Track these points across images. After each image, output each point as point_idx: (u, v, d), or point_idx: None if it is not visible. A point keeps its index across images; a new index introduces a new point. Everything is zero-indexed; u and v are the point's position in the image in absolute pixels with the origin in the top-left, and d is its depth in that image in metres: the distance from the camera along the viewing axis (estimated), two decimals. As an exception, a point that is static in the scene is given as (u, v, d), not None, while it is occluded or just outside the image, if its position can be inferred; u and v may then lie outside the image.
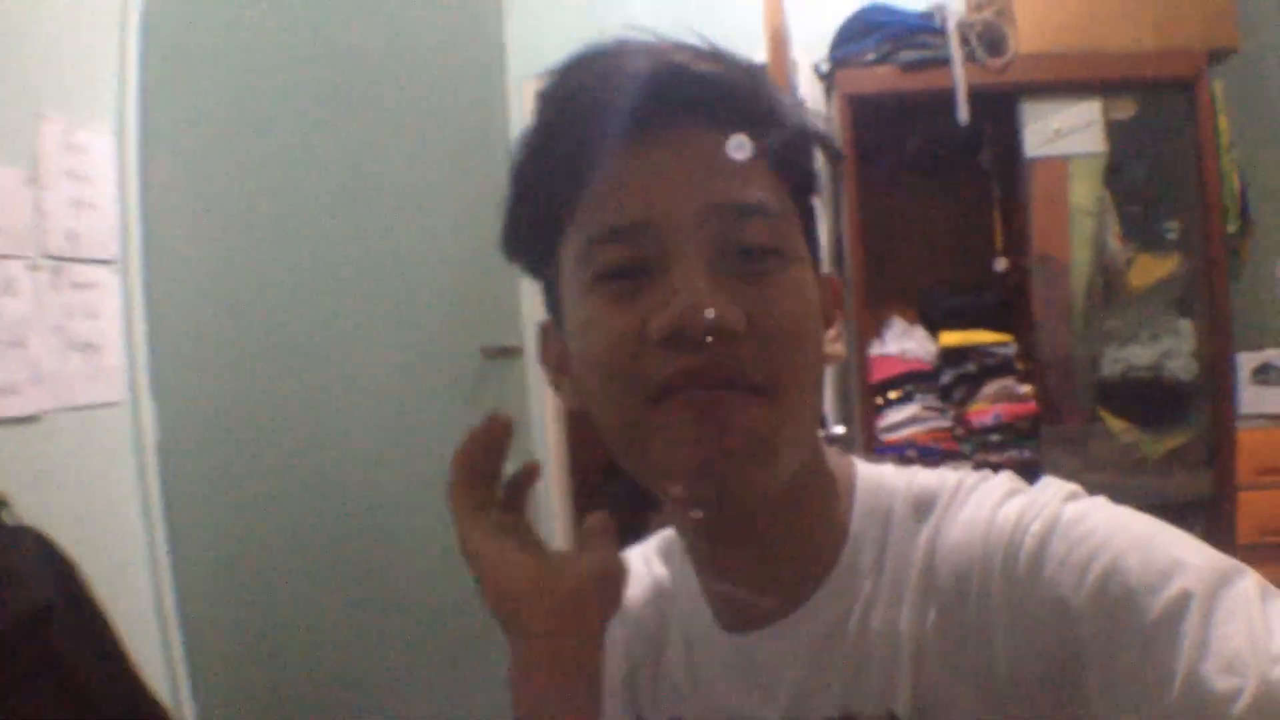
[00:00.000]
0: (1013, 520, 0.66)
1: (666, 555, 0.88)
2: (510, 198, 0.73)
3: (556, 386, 0.78)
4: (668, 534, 0.87)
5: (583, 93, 0.69)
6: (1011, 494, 0.70)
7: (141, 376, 2.45)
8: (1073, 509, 0.66)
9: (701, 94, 0.68)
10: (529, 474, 0.76)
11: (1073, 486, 0.69)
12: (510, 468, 2.38)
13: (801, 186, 0.74)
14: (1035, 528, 0.65)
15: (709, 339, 0.63)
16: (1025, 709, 0.64)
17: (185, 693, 2.46)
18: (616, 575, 0.71)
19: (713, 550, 0.77)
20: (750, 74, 0.71)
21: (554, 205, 0.70)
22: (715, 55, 0.70)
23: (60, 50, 2.25)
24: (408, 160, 2.46)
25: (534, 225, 0.73)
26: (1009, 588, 0.65)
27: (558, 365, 0.77)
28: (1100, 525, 0.63)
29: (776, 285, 0.67)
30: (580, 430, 3.56)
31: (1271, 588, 0.59)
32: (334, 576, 2.51)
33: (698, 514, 0.74)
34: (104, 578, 1.94)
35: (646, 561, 0.90)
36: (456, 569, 2.26)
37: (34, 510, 1.91)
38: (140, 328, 2.44)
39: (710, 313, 0.63)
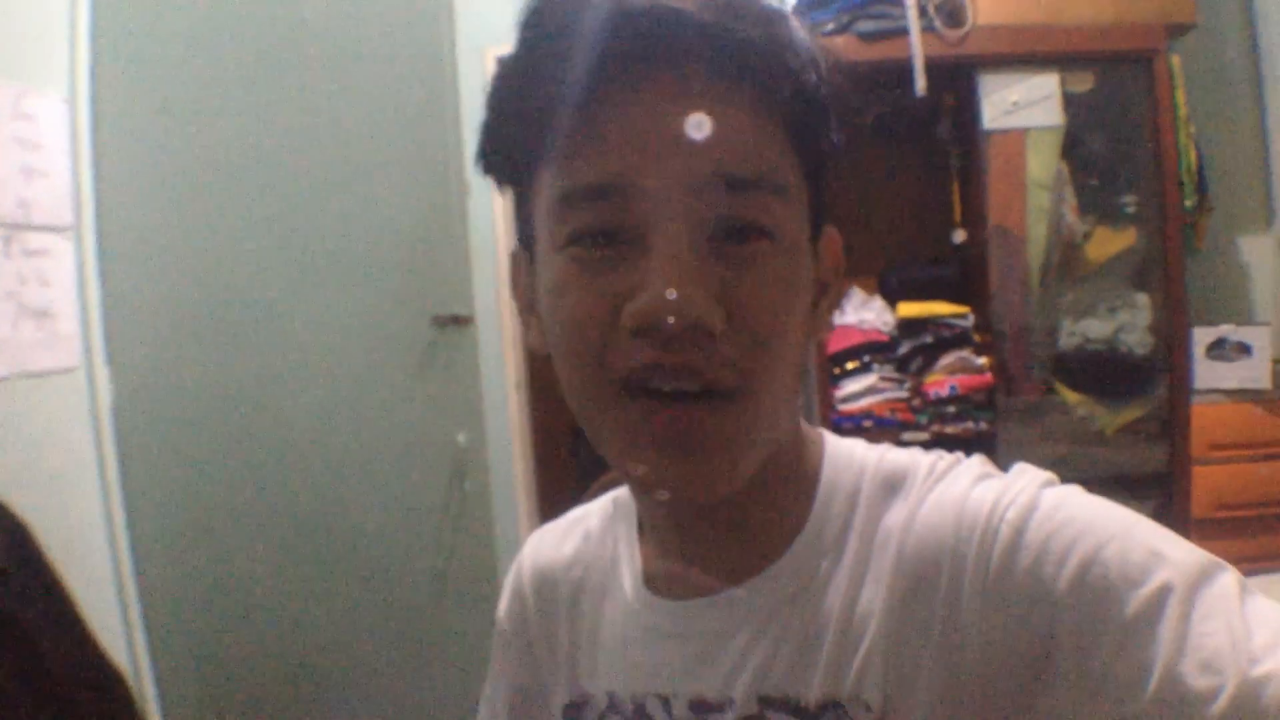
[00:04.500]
0: (988, 505, 0.64)
1: (613, 518, 0.85)
2: (487, 118, 0.68)
3: (525, 324, 0.74)
4: (620, 494, 0.85)
5: (574, 18, 0.61)
6: (985, 478, 0.68)
7: (96, 343, 2.47)
8: (1050, 496, 0.64)
9: (710, 39, 0.60)
10: None
11: (1048, 474, 0.67)
12: (463, 440, 2.39)
13: (816, 156, 0.67)
14: (1011, 514, 0.62)
15: (686, 337, 0.59)
16: (990, 699, 0.61)
17: (142, 656, 2.50)
18: None
19: (668, 522, 0.75)
20: (770, 22, 0.63)
21: (531, 139, 0.65)
22: (745, 5, 0.62)
23: (8, 16, 2.25)
24: (359, 129, 2.47)
25: (509, 152, 0.68)
26: (983, 574, 0.62)
27: (527, 302, 0.73)
28: (1079, 514, 0.61)
29: (764, 276, 0.62)
30: (544, 398, 3.58)
31: (1250, 586, 0.57)
32: (288, 539, 2.55)
33: (659, 498, 0.72)
34: (60, 542, 1.97)
35: (586, 526, 0.88)
36: (405, 531, 2.30)
37: (-12, 476, 1.94)
38: (94, 294, 2.47)
39: (687, 309, 0.58)
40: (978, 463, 0.71)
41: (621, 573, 0.81)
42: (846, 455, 0.74)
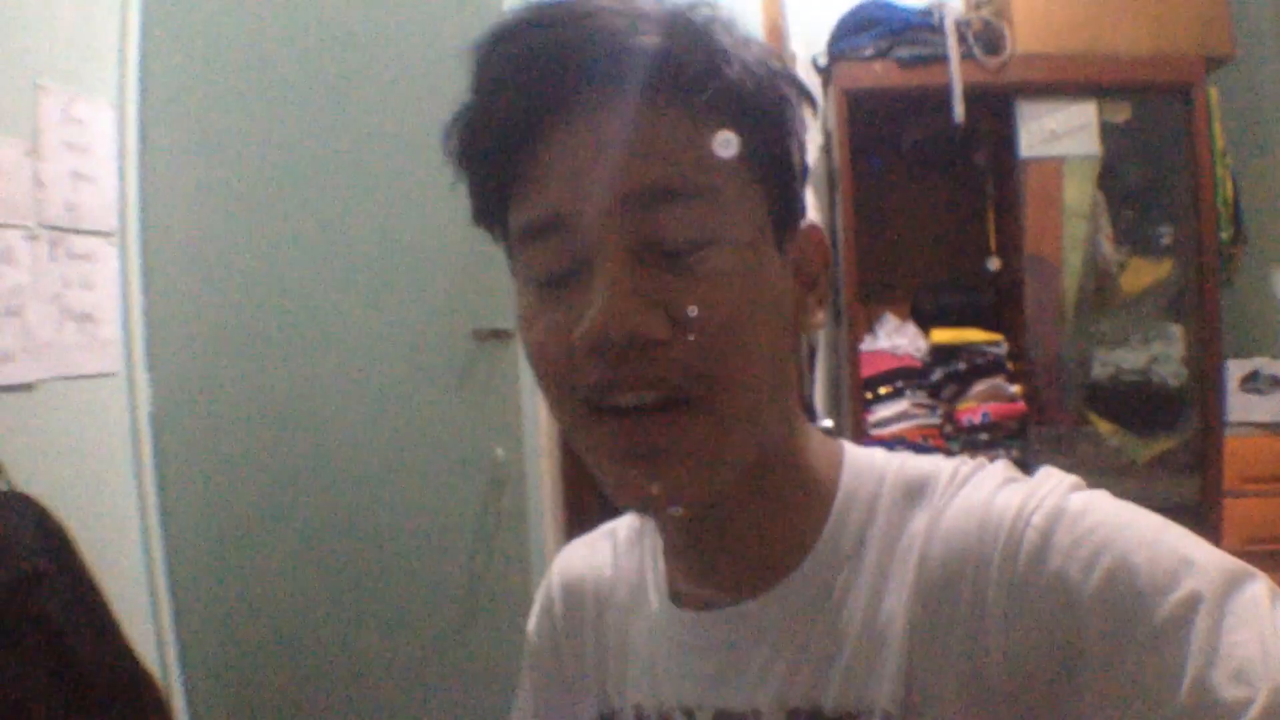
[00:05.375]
0: (1013, 510, 0.63)
1: (640, 531, 0.86)
2: (466, 181, 0.70)
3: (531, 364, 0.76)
4: None
5: (506, 71, 0.64)
6: (1009, 482, 0.68)
7: (137, 348, 2.49)
8: (1077, 500, 0.63)
9: (627, 64, 0.62)
10: None
11: (1074, 478, 0.66)
12: (501, 454, 2.39)
13: (765, 152, 0.67)
14: (1037, 519, 0.62)
15: (631, 349, 0.61)
16: (1015, 706, 0.61)
17: (173, 659, 2.51)
18: None
19: (681, 535, 0.75)
20: (689, 31, 0.64)
21: (490, 188, 0.68)
22: (652, 16, 0.63)
23: (60, 22, 2.28)
24: (403, 140, 2.49)
25: (479, 204, 0.70)
26: (1008, 580, 0.61)
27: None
28: (1107, 519, 0.60)
29: (711, 280, 0.62)
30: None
31: None
32: (322, 549, 2.55)
33: (636, 510, 0.74)
34: (96, 545, 1.98)
35: (614, 540, 0.88)
36: (440, 543, 2.29)
37: (28, 477, 1.95)
38: (136, 300, 2.49)
39: (624, 321, 0.60)
40: (1002, 467, 0.70)
41: (647, 586, 0.82)
42: (866, 463, 0.74)
